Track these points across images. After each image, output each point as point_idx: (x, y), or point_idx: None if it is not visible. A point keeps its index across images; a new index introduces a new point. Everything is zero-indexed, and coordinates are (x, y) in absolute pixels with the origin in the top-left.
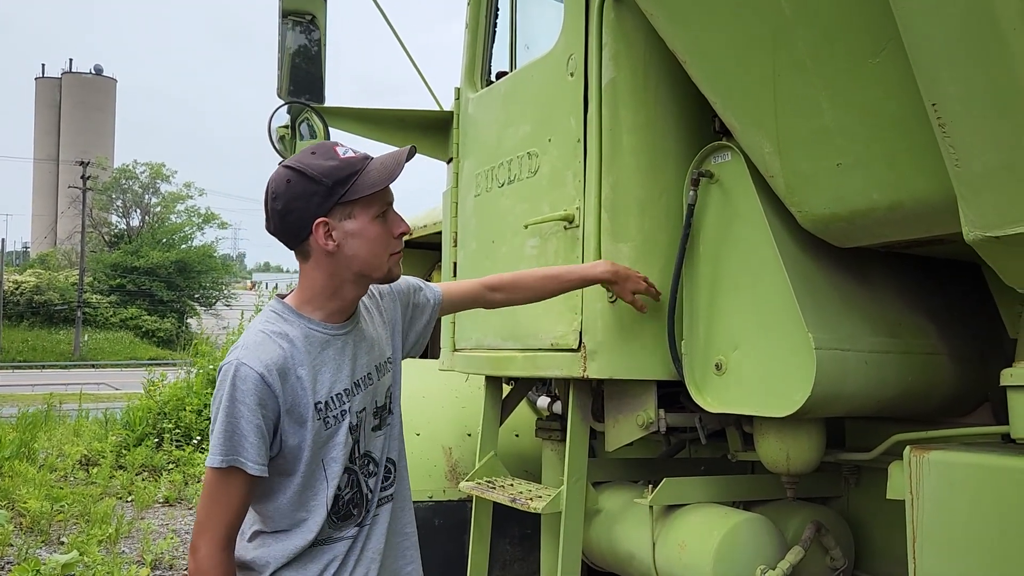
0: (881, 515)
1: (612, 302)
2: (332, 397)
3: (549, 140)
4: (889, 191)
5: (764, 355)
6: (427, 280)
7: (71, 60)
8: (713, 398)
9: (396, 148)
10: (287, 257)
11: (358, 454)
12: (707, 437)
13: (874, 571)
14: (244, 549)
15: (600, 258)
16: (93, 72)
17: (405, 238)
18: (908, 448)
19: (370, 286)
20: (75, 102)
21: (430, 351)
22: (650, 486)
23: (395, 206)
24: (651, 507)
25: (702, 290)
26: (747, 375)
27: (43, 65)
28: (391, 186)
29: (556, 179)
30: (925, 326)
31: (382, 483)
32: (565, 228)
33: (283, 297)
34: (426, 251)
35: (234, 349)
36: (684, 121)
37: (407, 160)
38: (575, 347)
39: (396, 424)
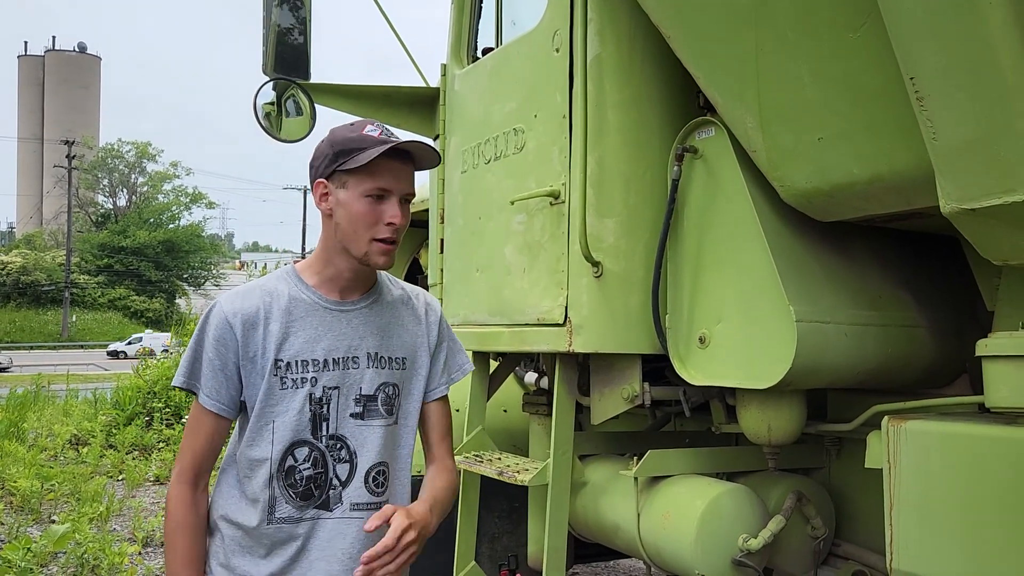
0: (862, 485)
1: (597, 277)
2: (297, 361)
3: (535, 116)
4: (869, 164)
5: (746, 328)
6: (416, 257)
7: (54, 38)
8: (697, 371)
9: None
10: (276, 236)
11: (325, 433)
12: (691, 410)
13: (855, 540)
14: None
15: (585, 233)
16: (77, 50)
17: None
18: (886, 418)
19: (420, 299)
20: (59, 80)
21: None
22: (635, 458)
23: None
24: (636, 479)
25: (686, 264)
26: (730, 348)
27: (26, 43)
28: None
29: (542, 155)
30: (905, 299)
31: (369, 484)
32: (551, 204)
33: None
34: (413, 229)
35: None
36: (669, 97)
37: (420, 168)
38: (561, 322)
39: (397, 431)
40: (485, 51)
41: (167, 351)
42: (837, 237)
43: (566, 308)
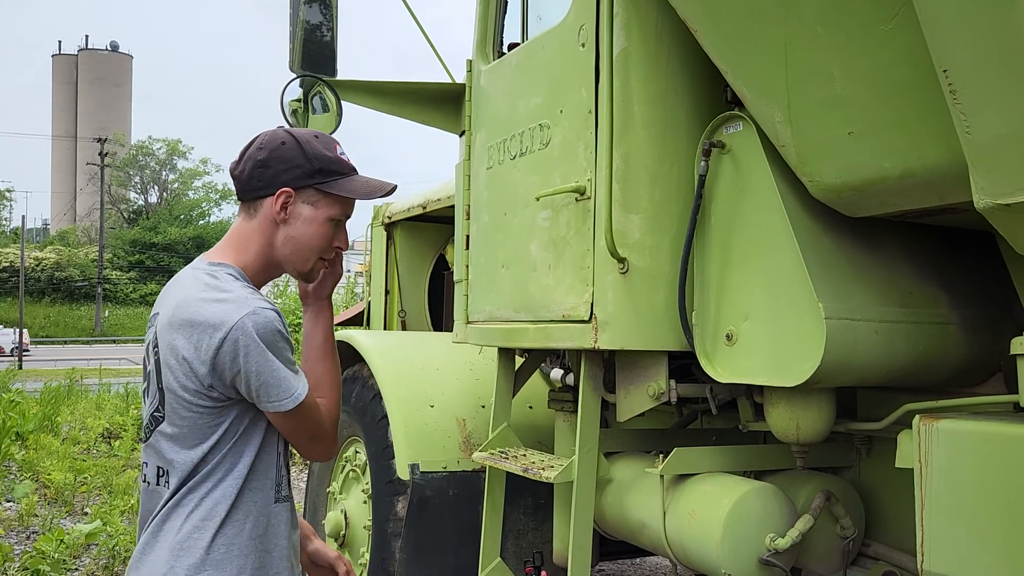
0: (892, 485)
1: (623, 273)
2: None
3: (561, 111)
4: (900, 159)
5: (774, 325)
6: (442, 254)
7: (87, 37)
8: (724, 368)
9: (403, 119)
10: None
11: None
12: (719, 408)
13: (885, 540)
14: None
15: (611, 229)
16: (109, 49)
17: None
18: (917, 417)
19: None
20: (92, 79)
21: (444, 323)
22: (661, 456)
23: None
24: (662, 476)
25: (713, 261)
26: (757, 345)
27: (59, 42)
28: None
29: (568, 151)
30: (937, 295)
31: None
32: (576, 200)
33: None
34: (439, 225)
35: (223, 309)
36: (696, 91)
37: (384, 195)
38: (586, 318)
39: None
40: (511, 47)
41: None
42: (867, 233)
43: (592, 304)
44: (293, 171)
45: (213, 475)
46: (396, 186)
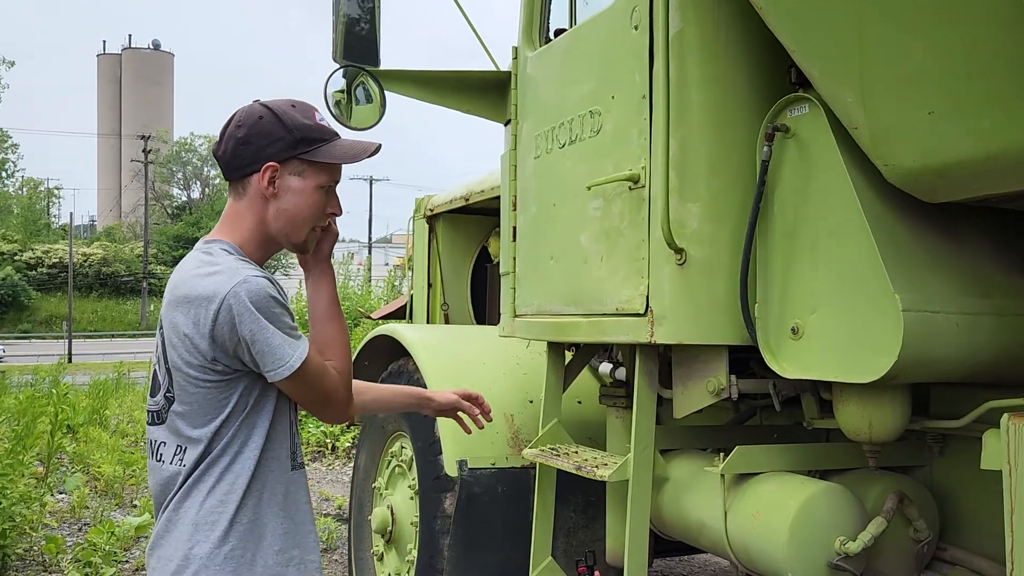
0: (969, 485)
1: (680, 264)
2: None
3: (612, 97)
4: (987, 140)
5: (846, 318)
6: (484, 246)
7: (130, 36)
8: (790, 363)
9: (448, 108)
10: (340, 226)
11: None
12: (781, 404)
13: (961, 544)
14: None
15: (668, 219)
16: (151, 47)
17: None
18: (1006, 416)
19: None
20: (135, 77)
21: (488, 317)
22: (721, 454)
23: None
24: (722, 475)
25: (777, 251)
26: (827, 339)
27: (104, 42)
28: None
29: (620, 138)
30: (1020, 286)
31: None
32: (630, 189)
33: (210, 241)
34: (482, 217)
35: (214, 282)
36: (756, 73)
37: (371, 155)
38: (642, 312)
39: None
40: (557, 32)
41: None
42: (944, 219)
43: (647, 297)
44: (276, 144)
45: (229, 449)
46: (380, 145)
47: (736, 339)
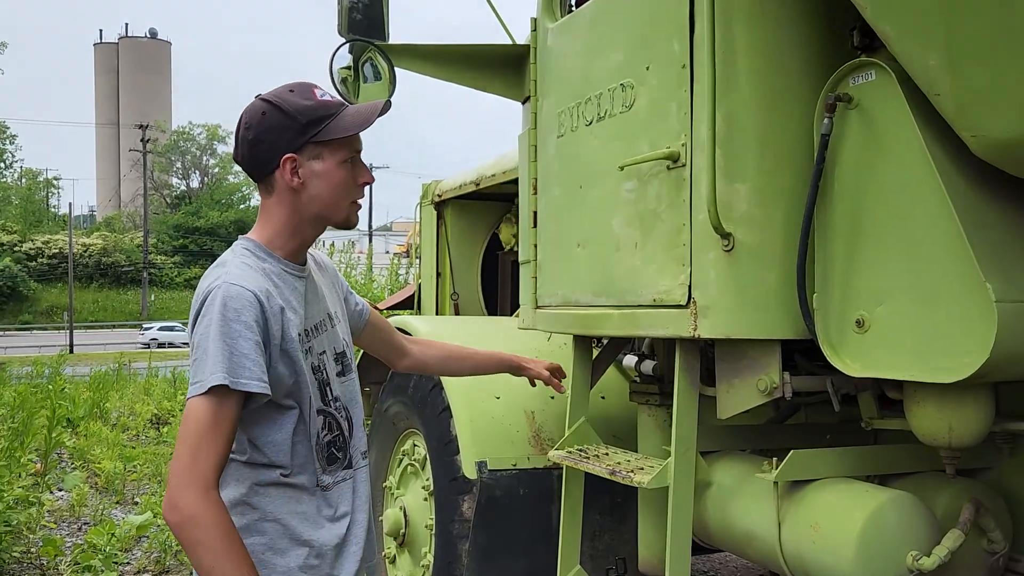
0: None
1: (728, 251)
2: (299, 334)
3: (647, 68)
4: None
5: (922, 310)
6: (495, 233)
7: (127, 24)
8: (854, 360)
9: (460, 85)
10: None
11: (330, 396)
12: (839, 403)
13: None
14: (243, 492)
15: (715, 199)
16: (148, 36)
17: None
18: None
19: (316, 258)
20: (132, 66)
21: (499, 307)
22: (774, 459)
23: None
24: (776, 483)
25: (838, 235)
26: (898, 333)
27: (100, 31)
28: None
29: (657, 112)
30: None
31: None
32: (668, 168)
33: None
34: (492, 203)
35: (210, 278)
36: (813, 38)
37: (381, 114)
38: (683, 303)
39: (356, 378)
40: (580, 1)
41: None
42: None
43: (689, 287)
44: (285, 135)
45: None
46: (389, 102)
47: (790, 333)
